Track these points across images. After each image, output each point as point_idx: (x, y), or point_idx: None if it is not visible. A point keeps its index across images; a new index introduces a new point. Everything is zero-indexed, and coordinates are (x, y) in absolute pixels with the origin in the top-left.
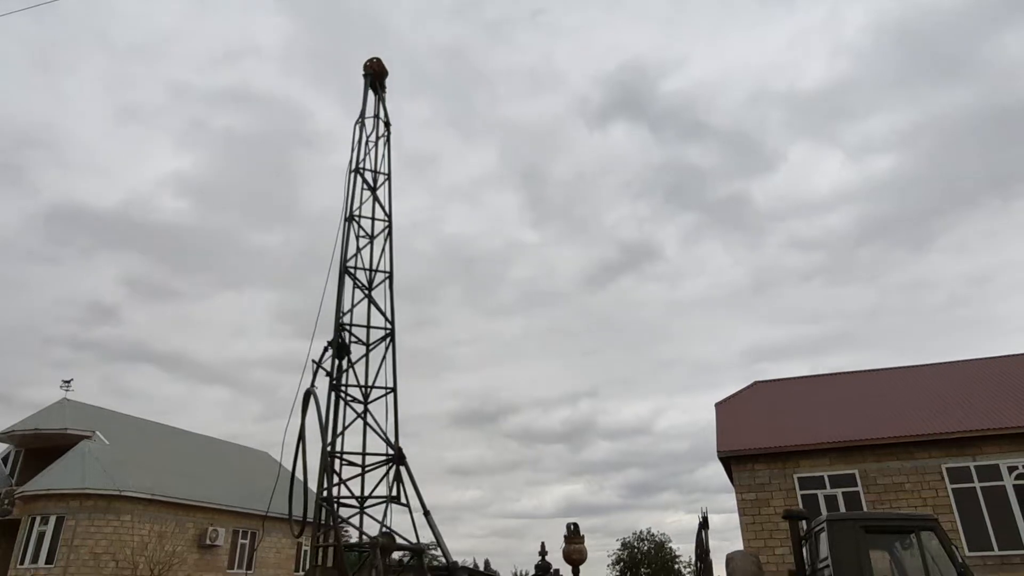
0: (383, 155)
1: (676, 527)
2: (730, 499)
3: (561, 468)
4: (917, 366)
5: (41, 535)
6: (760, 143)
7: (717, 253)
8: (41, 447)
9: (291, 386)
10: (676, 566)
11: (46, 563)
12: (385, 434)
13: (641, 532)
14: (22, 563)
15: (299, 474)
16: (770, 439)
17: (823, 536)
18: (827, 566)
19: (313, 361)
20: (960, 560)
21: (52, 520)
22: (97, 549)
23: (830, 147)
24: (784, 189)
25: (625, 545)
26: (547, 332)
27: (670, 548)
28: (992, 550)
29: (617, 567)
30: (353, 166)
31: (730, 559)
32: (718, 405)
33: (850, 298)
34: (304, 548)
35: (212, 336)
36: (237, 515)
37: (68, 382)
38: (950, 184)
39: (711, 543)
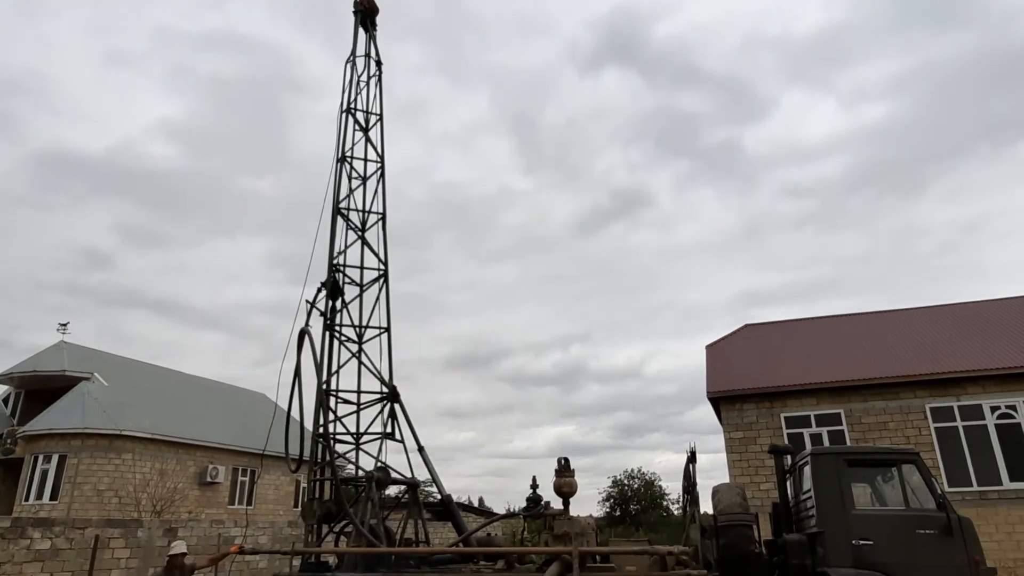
0: (375, 95)
1: (665, 466)
2: (718, 439)
3: (553, 410)
4: (906, 309)
5: (44, 473)
6: (753, 89)
7: (709, 200)
8: (40, 389)
9: (287, 331)
10: (664, 502)
11: (50, 499)
12: (379, 373)
13: (631, 471)
14: (27, 499)
15: (295, 412)
16: (759, 380)
17: (807, 469)
18: (809, 497)
19: (307, 301)
20: (939, 492)
21: (54, 458)
22: (100, 486)
23: (823, 94)
24: (777, 136)
25: (616, 483)
26: (539, 278)
27: (659, 486)
28: (971, 486)
29: (607, 503)
30: (344, 106)
31: (716, 491)
32: (708, 347)
33: (841, 245)
34: (303, 485)
35: (206, 282)
36: (236, 453)
37: (64, 325)
38: (943, 131)
39: (698, 478)
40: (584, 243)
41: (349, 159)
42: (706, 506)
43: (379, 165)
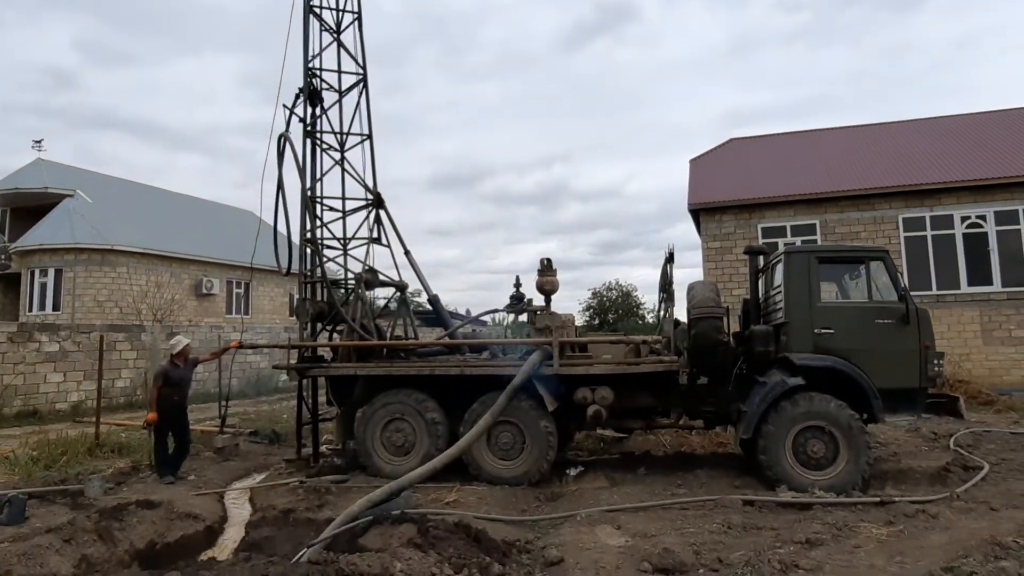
0: None
1: (642, 280)
2: (694, 256)
3: (535, 228)
4: (889, 123)
5: (43, 286)
6: None
7: (698, 14)
8: (24, 206)
9: (267, 151)
10: (640, 311)
11: (53, 310)
12: (363, 180)
13: (610, 283)
14: (30, 311)
15: (281, 219)
16: (739, 192)
17: (779, 267)
18: (779, 293)
19: (284, 107)
20: (903, 285)
21: (51, 272)
22: (99, 297)
23: None
24: None
25: (595, 294)
26: (522, 97)
27: (636, 296)
28: (931, 290)
29: (587, 313)
30: None
31: (691, 287)
32: (693, 161)
33: (832, 62)
34: (296, 297)
35: (178, 102)
36: (229, 267)
37: (39, 142)
38: None
39: (674, 290)
40: (567, 60)
41: None
42: (682, 311)
43: None
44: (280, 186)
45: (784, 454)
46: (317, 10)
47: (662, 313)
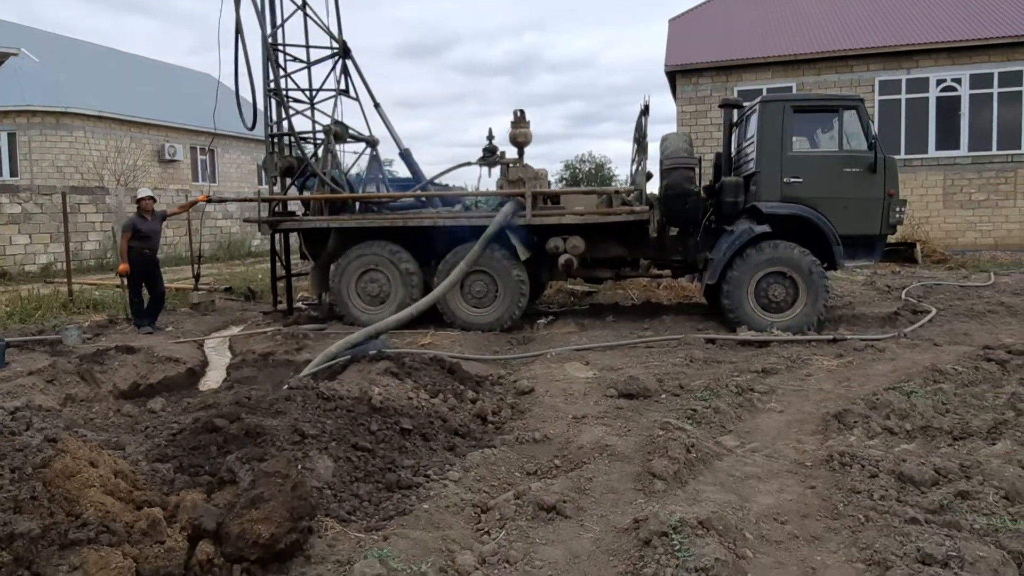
0: None
1: (615, 152)
2: (668, 128)
3: (506, 100)
4: None
5: None
6: None
7: None
8: None
9: (220, 14)
10: (613, 184)
11: (11, 176)
12: (327, 27)
13: (582, 155)
14: None
15: (243, 72)
16: (717, 53)
17: (753, 118)
18: (751, 144)
19: None
20: (873, 134)
21: (3, 136)
22: (58, 163)
23: None
24: None
25: (567, 166)
26: None
27: (609, 169)
28: (900, 154)
29: (559, 186)
30: None
31: (664, 138)
32: (672, 20)
33: None
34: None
35: None
36: (191, 132)
37: None
38: None
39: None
40: None
41: None
42: (655, 164)
43: None
44: (238, 31)
45: (746, 298)
46: None
47: (635, 166)
